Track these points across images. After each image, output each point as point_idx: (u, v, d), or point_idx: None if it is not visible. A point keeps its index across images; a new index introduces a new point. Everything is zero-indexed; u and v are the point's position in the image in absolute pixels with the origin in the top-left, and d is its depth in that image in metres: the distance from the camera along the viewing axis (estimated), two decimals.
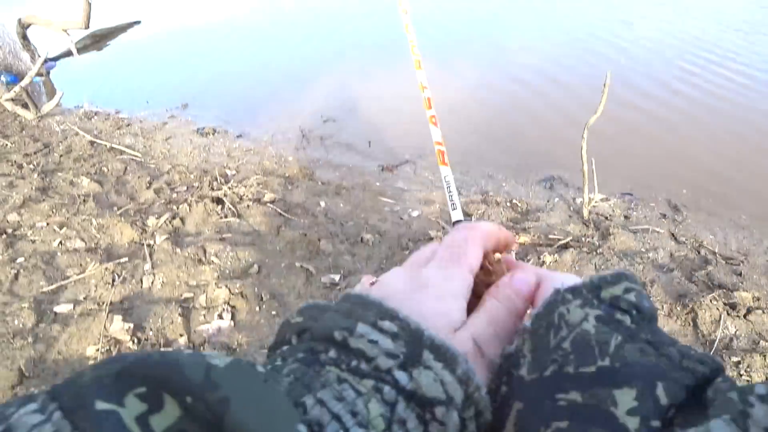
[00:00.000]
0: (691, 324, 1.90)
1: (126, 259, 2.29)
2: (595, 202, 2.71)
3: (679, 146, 3.38)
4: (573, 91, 4.13)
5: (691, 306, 1.93)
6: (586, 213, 2.63)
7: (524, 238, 2.43)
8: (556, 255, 2.24)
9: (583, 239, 2.45)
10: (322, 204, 2.80)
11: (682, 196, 2.89)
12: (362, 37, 6.37)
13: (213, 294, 2.00)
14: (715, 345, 1.80)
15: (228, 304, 1.98)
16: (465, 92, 4.36)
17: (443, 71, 4.84)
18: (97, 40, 8.54)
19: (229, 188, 2.85)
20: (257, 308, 1.98)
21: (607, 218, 2.66)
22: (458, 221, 1.40)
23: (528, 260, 2.22)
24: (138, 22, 9.35)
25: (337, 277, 2.15)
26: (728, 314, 1.90)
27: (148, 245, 2.37)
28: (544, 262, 2.20)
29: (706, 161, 3.22)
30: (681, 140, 3.44)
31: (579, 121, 2.71)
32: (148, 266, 2.22)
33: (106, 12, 11.49)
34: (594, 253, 2.26)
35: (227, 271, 2.19)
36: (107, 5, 12.76)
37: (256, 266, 2.22)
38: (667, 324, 1.89)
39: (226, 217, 2.60)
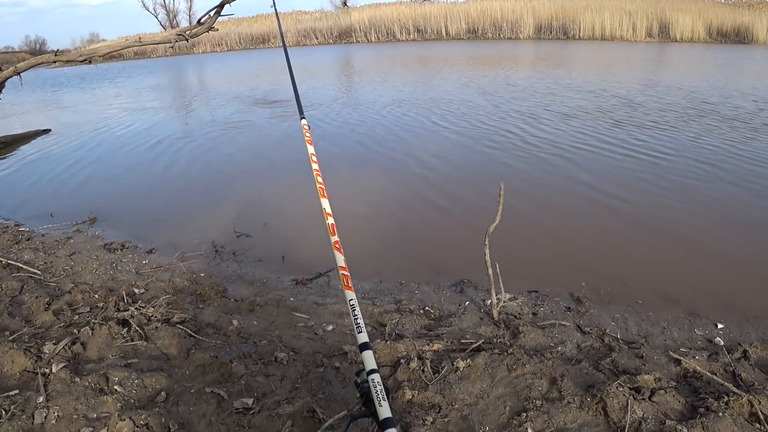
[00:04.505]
0: (602, 413, 1.99)
1: (16, 391, 2.13)
2: (504, 302, 2.90)
3: (571, 242, 3.77)
4: (472, 200, 4.54)
5: (599, 395, 2.04)
6: (495, 314, 2.80)
7: (438, 345, 2.53)
8: (469, 359, 2.33)
9: (495, 340, 2.58)
10: (235, 323, 2.79)
11: (582, 288, 3.16)
12: (274, 152, 6.67)
13: (115, 427, 1.89)
14: (626, 431, 1.90)
15: None
16: (374, 206, 4.64)
17: (354, 186, 5.15)
18: (1, 147, 8.23)
19: (137, 309, 2.78)
20: None
21: (516, 317, 2.84)
22: (365, 343, 1.51)
23: (442, 367, 2.32)
24: (48, 131, 9.17)
25: (250, 401, 2.12)
26: (635, 399, 2.04)
27: (43, 374, 2.23)
28: (458, 367, 2.29)
29: (597, 254, 3.61)
30: (572, 236, 3.85)
31: (481, 226, 2.93)
32: (41, 399, 2.07)
33: (16, 118, 11.19)
34: (505, 353, 2.38)
35: (132, 401, 2.10)
36: (18, 111, 12.46)
37: (163, 394, 2.15)
38: (579, 416, 1.99)
39: (132, 340, 2.52)
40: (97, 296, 3.09)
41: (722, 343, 2.62)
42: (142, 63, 28.88)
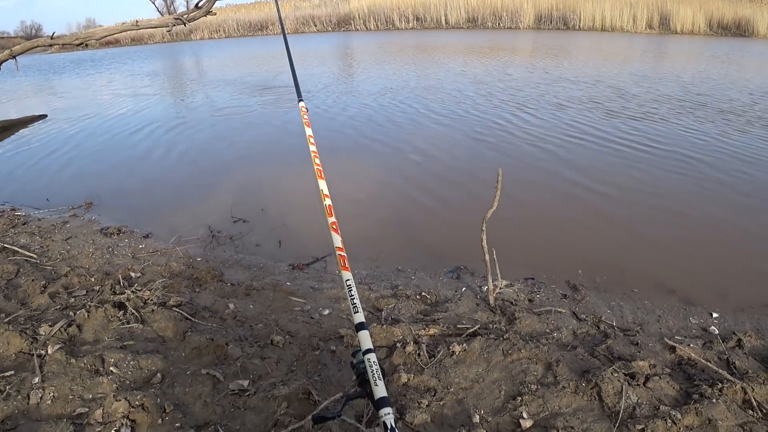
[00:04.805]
0: (597, 398, 2.01)
1: (11, 372, 2.13)
2: (500, 288, 2.90)
3: (568, 231, 3.77)
4: (470, 188, 4.54)
5: (594, 381, 2.06)
6: (492, 300, 2.81)
7: (434, 330, 2.53)
8: (464, 344, 2.34)
9: (491, 326, 2.59)
10: (231, 306, 2.79)
11: (579, 276, 3.17)
12: (271, 138, 6.64)
13: (110, 408, 1.90)
14: (620, 416, 1.91)
15: (127, 418, 1.88)
16: (371, 192, 4.63)
17: (349, 174, 5.13)
18: None
19: (133, 292, 2.77)
20: (159, 421, 1.90)
21: (512, 303, 2.84)
22: (361, 323, 1.50)
23: (438, 351, 2.33)
24: (44, 116, 9.11)
25: (245, 383, 2.13)
26: (629, 384, 2.05)
27: (39, 356, 2.22)
28: (453, 352, 2.30)
29: (594, 243, 3.61)
30: (569, 225, 3.85)
31: (478, 213, 2.92)
32: (37, 380, 2.07)
33: (11, 103, 11.10)
34: (501, 338, 2.38)
35: (127, 382, 2.10)
36: (14, 96, 12.37)
37: (159, 375, 2.15)
38: (574, 401, 2.00)
39: (128, 323, 2.51)
40: (93, 280, 3.09)
41: (717, 331, 2.63)
42: (139, 49, 28.66)
